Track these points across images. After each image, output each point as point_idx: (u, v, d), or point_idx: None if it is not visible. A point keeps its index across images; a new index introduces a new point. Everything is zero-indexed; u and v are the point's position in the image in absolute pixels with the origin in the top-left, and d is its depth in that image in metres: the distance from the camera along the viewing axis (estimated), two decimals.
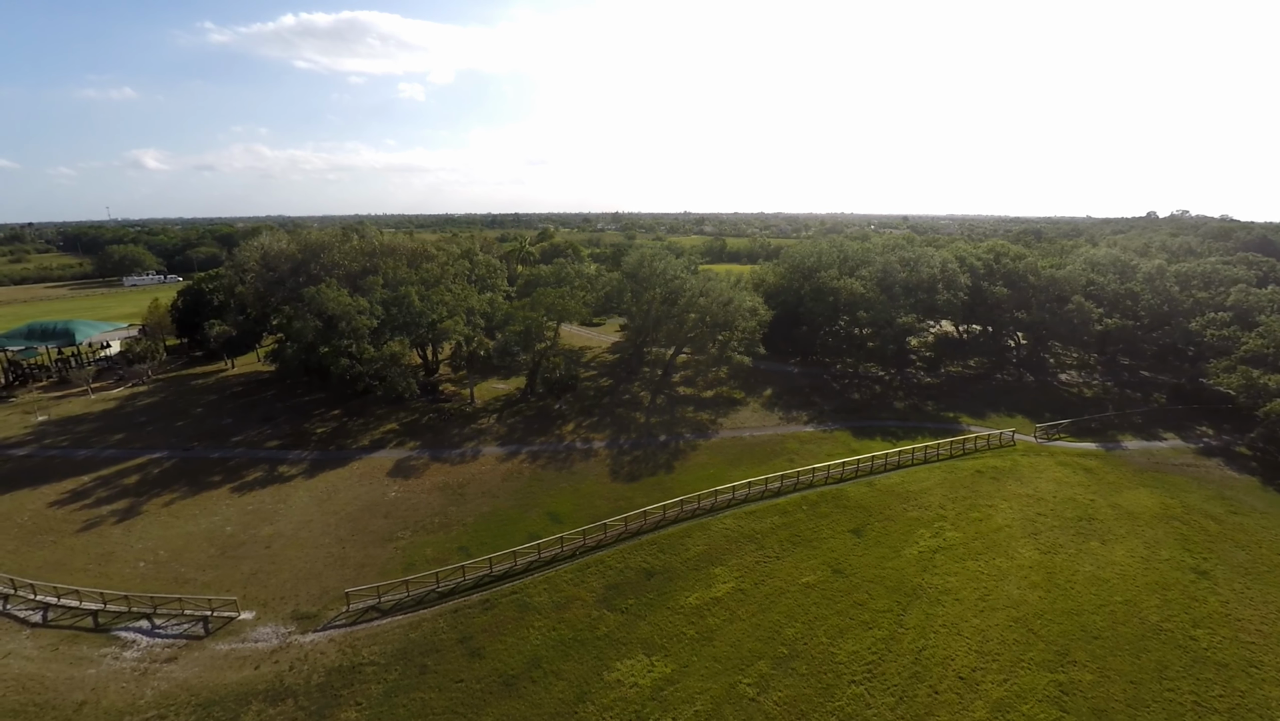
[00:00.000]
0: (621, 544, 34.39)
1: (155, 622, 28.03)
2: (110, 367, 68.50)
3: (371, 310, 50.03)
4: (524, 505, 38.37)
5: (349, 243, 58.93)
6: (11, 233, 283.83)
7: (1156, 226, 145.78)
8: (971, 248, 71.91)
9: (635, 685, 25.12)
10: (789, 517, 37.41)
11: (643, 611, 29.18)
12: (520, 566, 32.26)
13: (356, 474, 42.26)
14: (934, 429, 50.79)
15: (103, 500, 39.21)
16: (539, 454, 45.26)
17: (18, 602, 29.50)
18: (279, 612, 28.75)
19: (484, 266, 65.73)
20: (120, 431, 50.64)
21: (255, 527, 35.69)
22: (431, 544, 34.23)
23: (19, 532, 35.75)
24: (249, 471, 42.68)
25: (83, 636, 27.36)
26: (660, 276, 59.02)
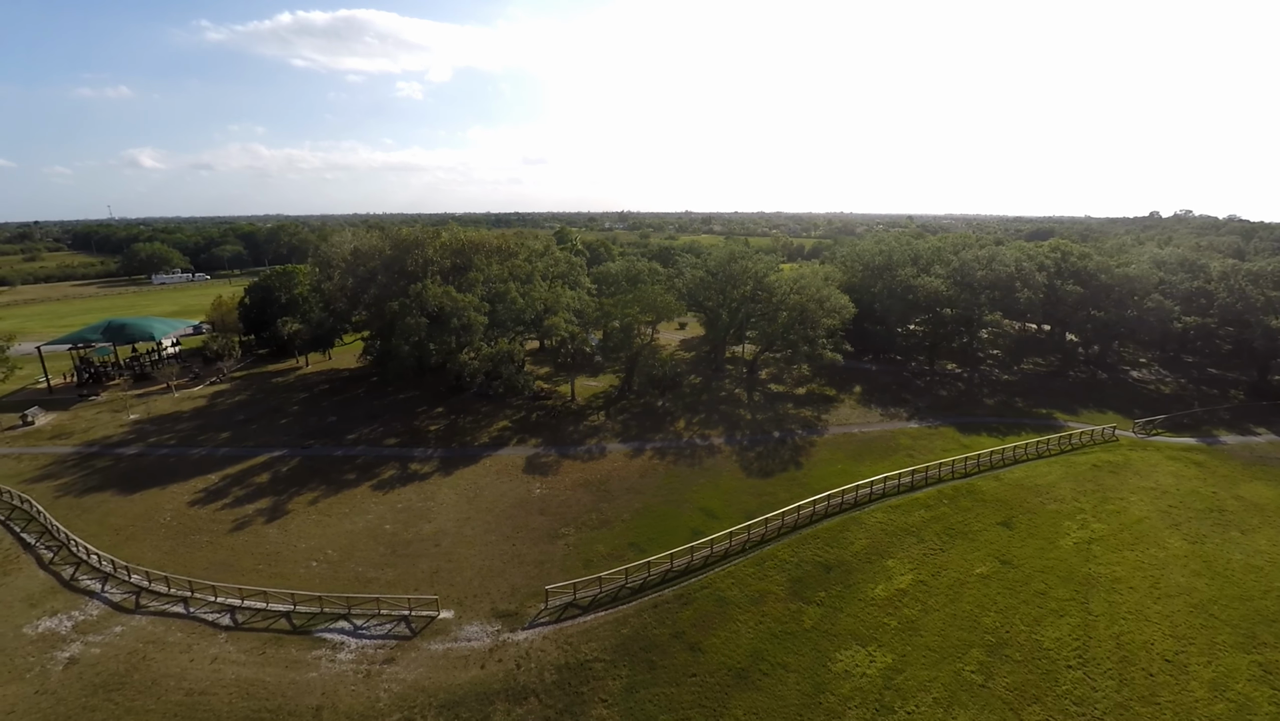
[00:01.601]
0: (784, 538, 34.78)
1: (355, 623, 27.70)
2: (184, 365, 66.90)
3: (479, 307, 49.64)
4: (673, 501, 38.56)
5: (439, 239, 58.17)
6: (20, 231, 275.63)
7: (1174, 226, 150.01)
8: (1035, 247, 73.66)
9: (864, 675, 25.60)
10: (934, 511, 38.17)
11: (837, 604, 29.65)
12: (699, 561, 32.49)
13: (492, 471, 42.04)
14: (1033, 425, 51.98)
15: (242, 499, 38.51)
16: (664, 450, 45.44)
17: (199, 605, 28.90)
18: (478, 611, 28.60)
19: (565, 263, 65.50)
20: (224, 430, 49.62)
21: (414, 526, 35.36)
22: (600, 540, 34.28)
23: (168, 533, 34.95)
24: (381, 469, 42.18)
25: (284, 639, 26.91)
26: (750, 274, 59.48)
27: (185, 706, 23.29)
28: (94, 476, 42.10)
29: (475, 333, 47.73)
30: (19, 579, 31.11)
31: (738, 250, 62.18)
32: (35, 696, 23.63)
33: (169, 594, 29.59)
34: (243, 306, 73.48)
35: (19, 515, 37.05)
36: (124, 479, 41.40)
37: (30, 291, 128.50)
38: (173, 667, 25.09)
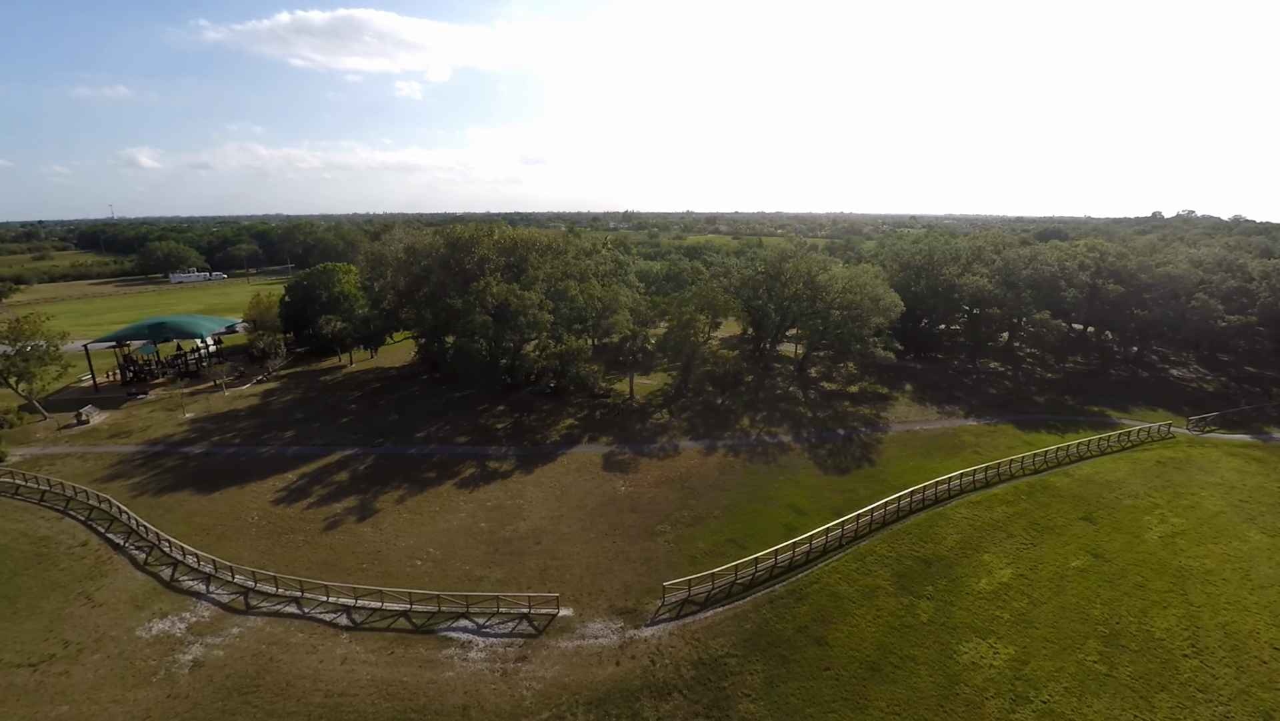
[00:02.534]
0: (876, 534, 35.01)
1: (477, 622, 27.55)
2: (232, 364, 65.98)
3: (543, 304, 49.49)
4: (758, 498, 38.72)
5: (492, 236, 57.84)
6: (25, 230, 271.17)
7: (1182, 226, 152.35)
8: (1070, 246, 74.79)
9: (992, 666, 25.92)
10: (1015, 507, 38.68)
11: (946, 598, 29.95)
12: (800, 557, 32.67)
13: (571, 469, 41.95)
14: (1088, 422, 52.76)
15: (326, 498, 38.09)
16: (736, 448, 45.57)
17: (311, 605, 28.58)
18: (596, 608, 28.57)
19: (611, 262, 65.48)
20: (287, 428, 49.02)
21: (509, 524, 35.21)
22: (698, 537, 34.34)
23: (260, 533, 34.54)
24: (459, 467, 41.89)
25: (409, 638, 26.70)
26: (801, 273, 59.81)
27: (328, 708, 23.08)
28: (166, 476, 41.51)
29: (543, 330, 47.59)
30: (117, 580, 30.62)
31: (789, 249, 62.55)
32: (169, 701, 23.30)
33: (278, 594, 29.29)
34: (284, 305, 72.67)
35: (99, 515, 36.44)
36: (198, 478, 40.84)
37: (48, 290, 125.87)
38: (304, 669, 24.86)
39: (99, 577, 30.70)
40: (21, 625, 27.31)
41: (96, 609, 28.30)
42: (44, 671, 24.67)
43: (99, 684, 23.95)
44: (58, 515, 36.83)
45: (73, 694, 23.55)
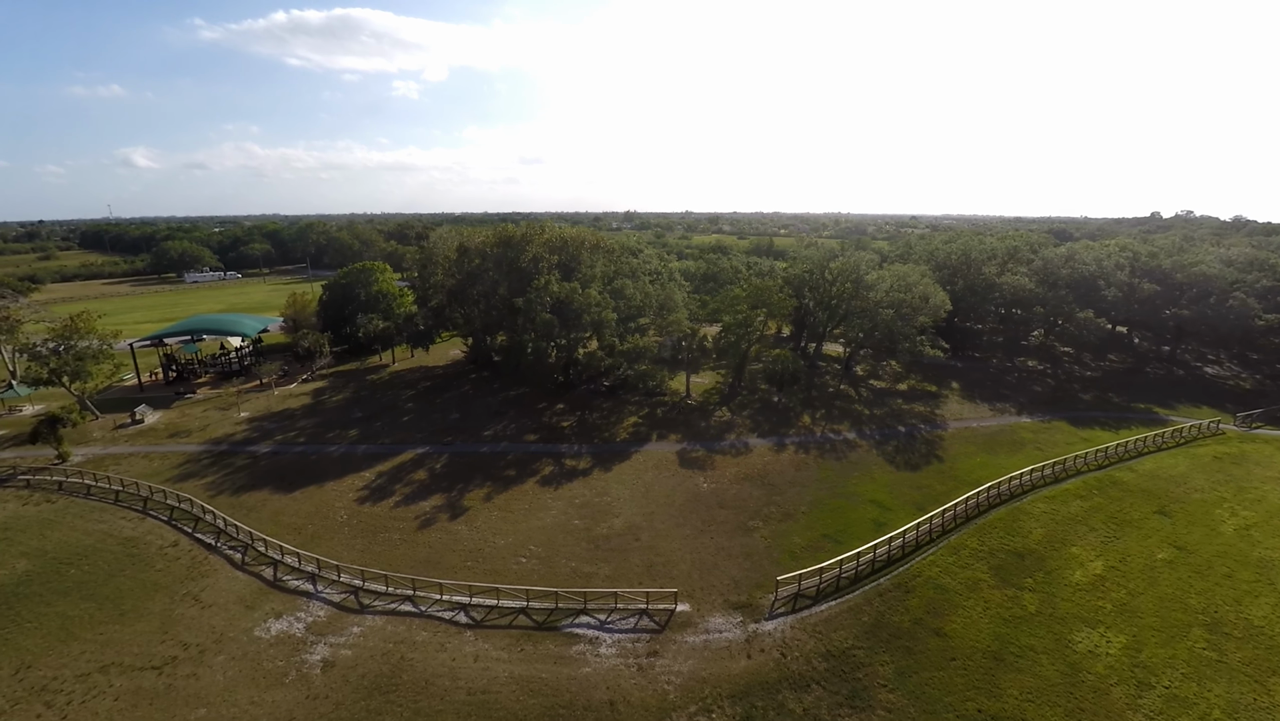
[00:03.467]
0: (962, 528, 35.45)
1: (598, 618, 27.56)
2: (275, 362, 64.98)
3: (604, 303, 49.52)
4: (839, 494, 39.06)
5: (543, 234, 57.69)
6: (26, 230, 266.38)
7: (1192, 226, 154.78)
8: (1101, 246, 76.21)
9: (1108, 654, 26.45)
10: (1090, 502, 39.40)
11: (1047, 589, 30.41)
12: (896, 551, 33.07)
13: (648, 466, 42.01)
14: (1138, 419, 53.82)
15: (411, 496, 37.86)
16: (805, 445, 45.93)
17: (425, 603, 28.40)
18: (712, 603, 28.70)
19: (657, 260, 65.61)
20: (349, 427, 48.58)
21: (603, 521, 35.25)
22: (792, 532, 34.61)
23: (354, 532, 34.25)
24: (537, 465, 41.82)
25: (533, 635, 26.63)
26: (849, 272, 60.35)
27: (475, 705, 23.01)
28: (239, 475, 41.01)
29: (608, 329, 47.63)
30: (219, 580, 30.24)
31: (835, 248, 63.13)
32: (309, 701, 23.07)
33: (389, 592, 29.09)
34: (322, 304, 72.00)
35: (181, 515, 35.91)
36: (273, 477, 40.37)
37: (62, 290, 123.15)
38: (438, 667, 24.74)
39: (200, 578, 30.32)
40: (133, 627, 26.93)
41: (206, 610, 27.96)
42: (169, 674, 24.35)
43: (231, 686, 23.69)
44: (138, 515, 36.30)
45: (207, 696, 23.27)
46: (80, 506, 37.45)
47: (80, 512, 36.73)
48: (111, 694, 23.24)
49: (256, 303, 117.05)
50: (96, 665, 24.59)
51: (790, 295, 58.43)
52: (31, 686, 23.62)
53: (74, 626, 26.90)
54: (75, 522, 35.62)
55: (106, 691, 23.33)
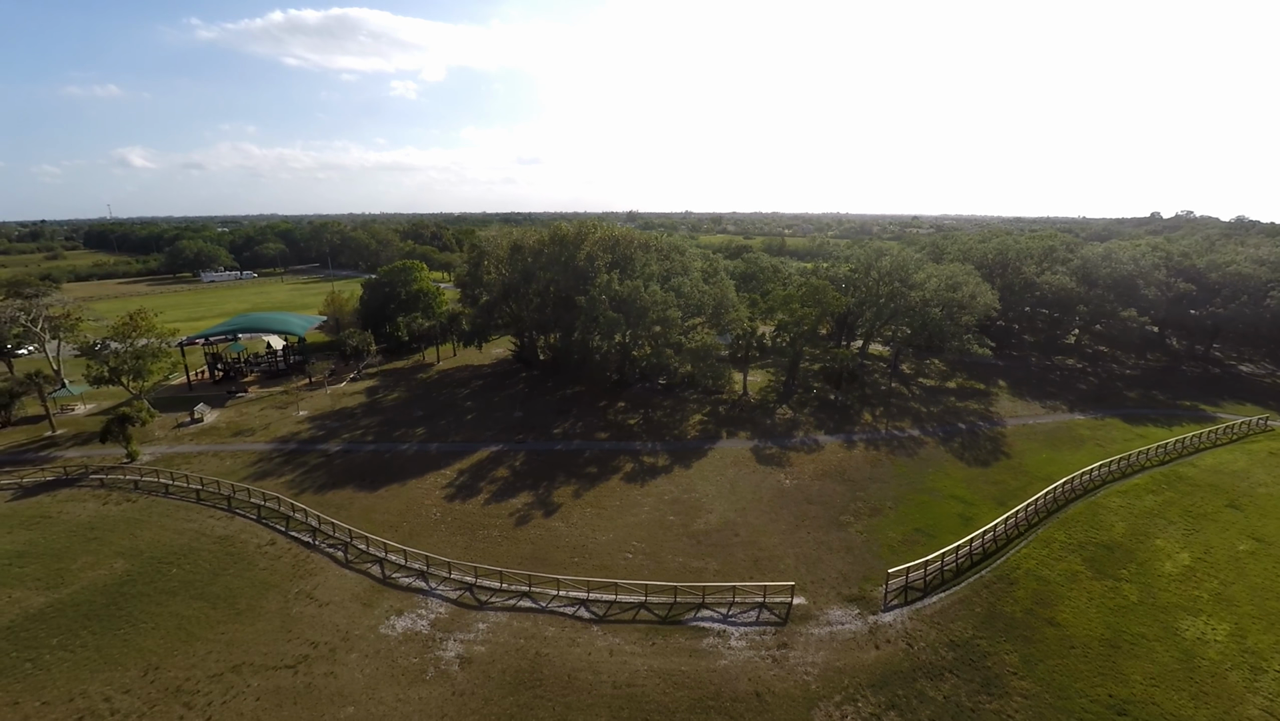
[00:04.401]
0: (1045, 522, 36.07)
1: (720, 611, 27.71)
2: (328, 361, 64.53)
3: (668, 301, 49.66)
4: (918, 489, 39.49)
5: (596, 233, 57.74)
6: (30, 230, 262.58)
7: (1201, 226, 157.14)
8: (1133, 245, 77.57)
9: (1217, 641, 27.04)
10: (1161, 496, 40.16)
11: (1143, 580, 31.00)
12: (989, 545, 33.59)
13: (726, 463, 42.22)
14: (1186, 416, 54.82)
15: (498, 494, 37.80)
16: (873, 441, 46.39)
17: (543, 599, 28.36)
18: (826, 596, 28.98)
19: (703, 259, 65.85)
20: (415, 426, 48.38)
21: (697, 517, 35.41)
22: (885, 527, 34.97)
23: (451, 529, 34.15)
24: (616, 463, 41.89)
25: (660, 629, 26.70)
26: (898, 271, 60.95)
27: (623, 699, 23.08)
28: (317, 473, 40.68)
29: (674, 327, 47.81)
30: (328, 578, 30.00)
31: (883, 248, 63.74)
32: (456, 698, 23.02)
33: (503, 589, 29.08)
34: (362, 302, 71.55)
35: (269, 513, 35.58)
36: (352, 475, 40.09)
37: (78, 289, 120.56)
38: (576, 662, 24.77)
39: (307, 576, 30.09)
40: (253, 626, 26.71)
41: (324, 608, 27.78)
42: (305, 673, 24.16)
43: (372, 683, 23.57)
44: (224, 514, 35.97)
45: (350, 694, 23.11)
46: (163, 505, 37.02)
47: (164, 511, 36.32)
48: (251, 693, 23.07)
49: (280, 302, 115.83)
50: (227, 665, 24.39)
51: (844, 295, 58.83)
52: (164, 687, 23.37)
53: (192, 626, 26.65)
54: (162, 521, 35.22)
55: (245, 691, 23.15)
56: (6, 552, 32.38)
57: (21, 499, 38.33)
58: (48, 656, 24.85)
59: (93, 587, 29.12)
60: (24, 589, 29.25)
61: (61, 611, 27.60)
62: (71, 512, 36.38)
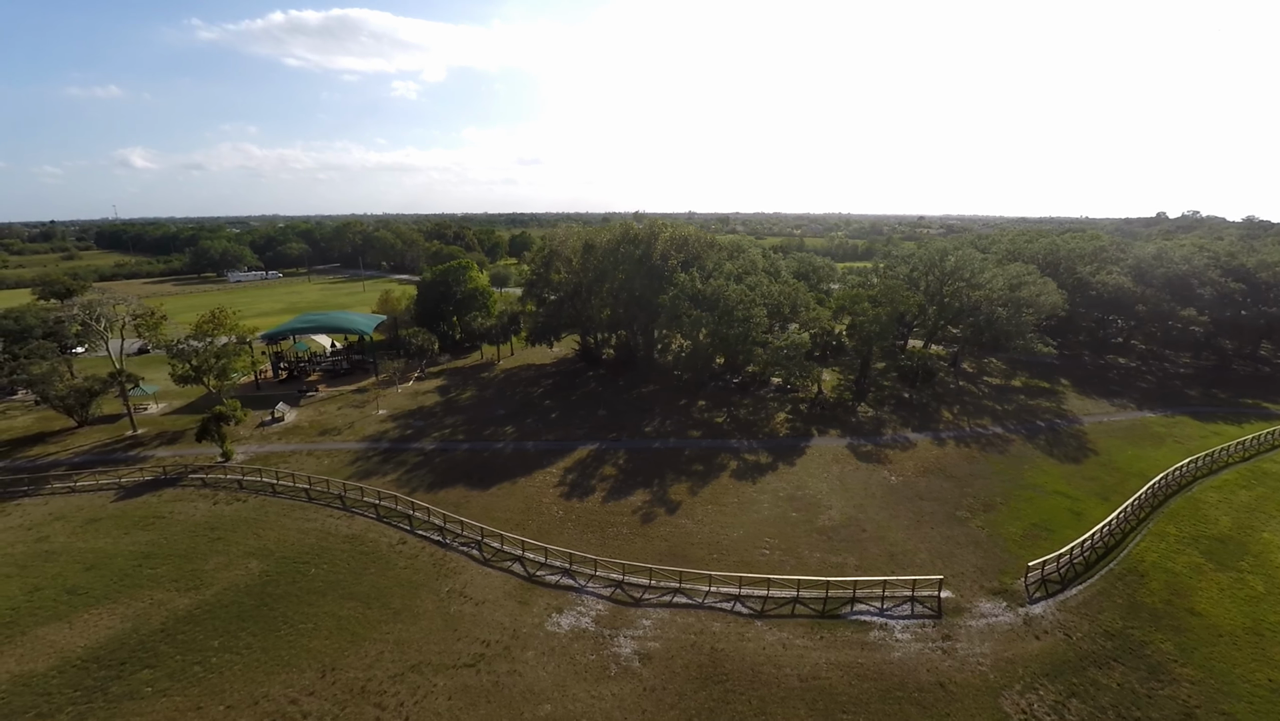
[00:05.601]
0: (1152, 517, 36.69)
1: (874, 605, 27.95)
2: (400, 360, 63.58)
3: (754, 299, 49.91)
4: (1022, 485, 39.93)
5: (666, 232, 57.84)
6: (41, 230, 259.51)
7: (1204, 226, 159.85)
8: (1176, 245, 78.96)
9: None
10: (1254, 491, 40.83)
11: (1264, 571, 31.57)
12: (1107, 539, 34.13)
13: (827, 461, 42.50)
14: (1252, 413, 55.72)
15: (612, 491, 37.86)
16: (961, 439, 46.89)
17: (696, 595, 28.45)
18: (969, 590, 29.27)
19: (764, 259, 66.21)
20: (503, 424, 48.40)
21: (819, 513, 35.66)
22: (1001, 522, 35.35)
23: (578, 527, 34.16)
24: (718, 460, 42.07)
25: (821, 622, 26.97)
26: (964, 270, 61.57)
27: (813, 692, 23.20)
28: (422, 472, 40.46)
29: (759, 326, 48.07)
30: (472, 577, 29.77)
31: (947, 246, 64.41)
32: (649, 694, 23.02)
33: (653, 585, 29.16)
34: (417, 302, 71.12)
35: (387, 512, 35.37)
36: (458, 474, 39.98)
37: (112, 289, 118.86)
38: (754, 656, 24.88)
39: (451, 575, 29.94)
40: (416, 625, 26.52)
41: (481, 606, 27.67)
42: (487, 671, 24.03)
43: (560, 681, 23.53)
44: (341, 512, 35.71)
45: (541, 691, 23.05)
46: (275, 505, 36.66)
47: (280, 511, 35.97)
48: (440, 692, 22.97)
49: (313, 301, 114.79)
50: (404, 665, 24.24)
51: (917, 294, 59.18)
52: (347, 688, 23.16)
53: (354, 626, 26.41)
54: (281, 521, 34.88)
55: (433, 690, 23.03)
56: (131, 553, 32.02)
57: (126, 499, 37.88)
58: (214, 659, 24.62)
59: (236, 588, 28.88)
60: (163, 590, 28.93)
61: (211, 613, 27.35)
62: (184, 512, 36.02)
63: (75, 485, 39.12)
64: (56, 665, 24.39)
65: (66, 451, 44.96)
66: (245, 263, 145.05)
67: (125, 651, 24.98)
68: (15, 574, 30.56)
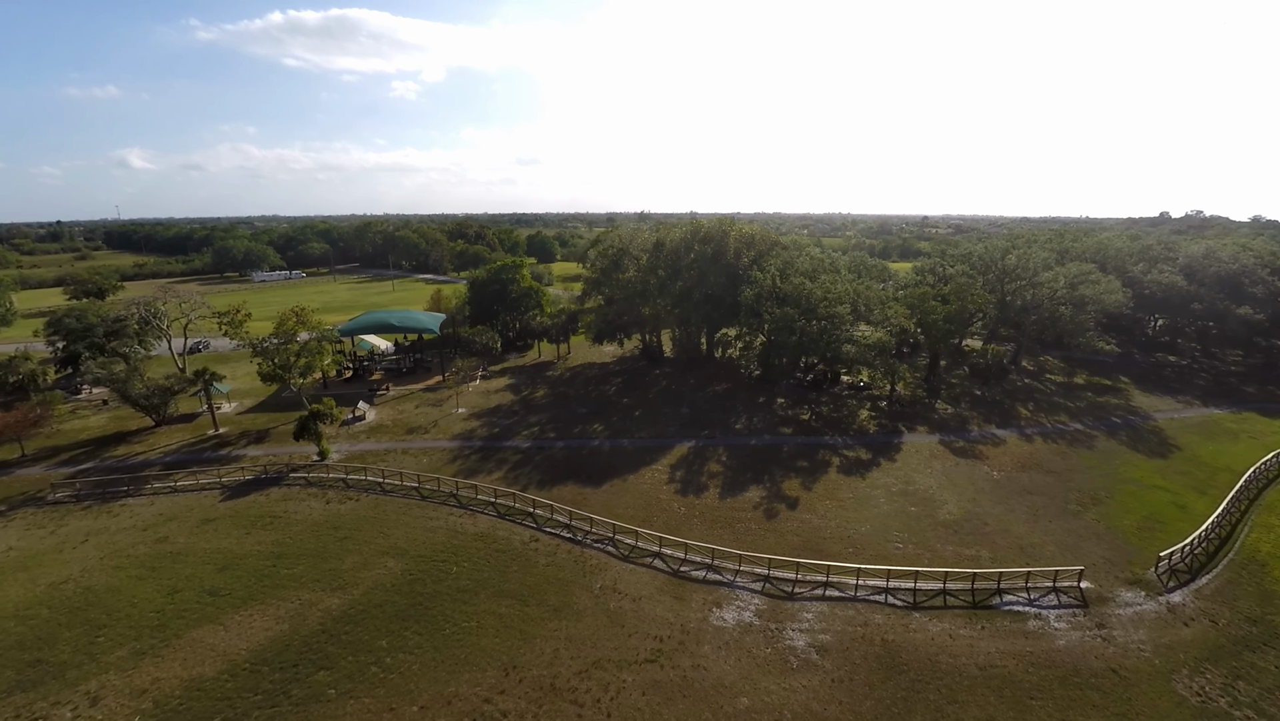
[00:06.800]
0: (1252, 510, 37.50)
1: (1021, 596, 28.28)
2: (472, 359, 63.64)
3: (840, 298, 50.17)
4: (1119, 479, 40.54)
5: (735, 229, 57.97)
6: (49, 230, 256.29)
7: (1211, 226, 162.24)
8: (1217, 243, 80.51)
9: None
10: None
11: None
12: (1220, 530, 34.87)
13: (925, 456, 42.93)
14: None
15: (726, 487, 37.99)
16: (1046, 435, 47.46)
17: (845, 588, 28.65)
18: (1105, 580, 29.75)
19: (826, 258, 66.61)
20: (591, 422, 48.38)
21: (936, 508, 36.02)
22: (1114, 515, 35.89)
23: (704, 523, 34.27)
24: (820, 457, 42.37)
25: (976, 613, 27.28)
26: (1026, 269, 62.32)
27: (996, 679, 23.45)
28: (527, 470, 40.28)
29: (844, 324, 48.42)
30: (618, 573, 29.60)
31: (1005, 245, 65.24)
32: (838, 685, 23.16)
33: (799, 579, 29.31)
34: (471, 301, 70.72)
35: (507, 510, 35.18)
36: (564, 472, 39.93)
37: (131, 289, 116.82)
38: (926, 646, 25.13)
39: (596, 572, 29.87)
40: (581, 622, 26.41)
41: (638, 602, 27.65)
42: (670, 666, 24.00)
43: (746, 674, 23.58)
44: (460, 510, 35.46)
45: (731, 685, 23.07)
46: (389, 503, 36.35)
47: (397, 510, 35.67)
48: (632, 688, 22.91)
49: (344, 301, 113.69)
50: (586, 662, 24.16)
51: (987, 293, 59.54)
52: (537, 686, 23.00)
53: (518, 624, 26.25)
54: (401, 519, 34.58)
55: (624, 686, 22.97)
56: (260, 553, 31.61)
57: (233, 498, 37.36)
58: (387, 659, 24.35)
59: (383, 587, 28.60)
60: (308, 590, 28.59)
61: (366, 612, 27.06)
62: (299, 512, 35.59)
63: (176, 485, 38.58)
64: (225, 669, 24.04)
65: (154, 451, 44.28)
66: (268, 262, 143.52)
67: (291, 653, 24.67)
68: (147, 575, 30.10)
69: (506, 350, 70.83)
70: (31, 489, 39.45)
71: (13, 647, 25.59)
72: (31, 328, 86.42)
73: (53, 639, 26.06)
